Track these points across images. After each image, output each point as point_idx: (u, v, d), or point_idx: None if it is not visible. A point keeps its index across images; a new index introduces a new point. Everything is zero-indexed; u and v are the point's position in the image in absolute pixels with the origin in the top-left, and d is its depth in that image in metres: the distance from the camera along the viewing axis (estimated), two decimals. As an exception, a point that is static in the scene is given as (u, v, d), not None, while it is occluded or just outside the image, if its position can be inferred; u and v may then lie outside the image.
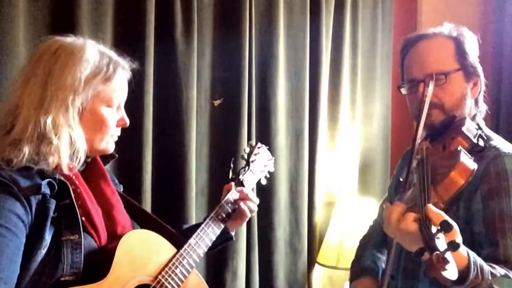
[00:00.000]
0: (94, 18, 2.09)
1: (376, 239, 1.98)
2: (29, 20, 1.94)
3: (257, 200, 1.85)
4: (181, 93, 2.35)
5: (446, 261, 1.14)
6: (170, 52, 2.33)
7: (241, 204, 1.78)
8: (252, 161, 1.94)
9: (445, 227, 1.18)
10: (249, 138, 2.60)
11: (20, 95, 1.40)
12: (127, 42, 2.11)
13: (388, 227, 1.40)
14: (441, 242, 1.17)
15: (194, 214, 2.39)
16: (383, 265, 1.89)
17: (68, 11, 2.01)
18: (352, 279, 1.92)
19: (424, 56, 1.72)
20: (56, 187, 1.37)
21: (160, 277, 1.50)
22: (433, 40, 1.74)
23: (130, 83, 1.59)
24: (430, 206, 1.29)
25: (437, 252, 1.14)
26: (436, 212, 1.27)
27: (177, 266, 1.55)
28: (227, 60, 2.54)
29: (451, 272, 1.17)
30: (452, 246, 1.15)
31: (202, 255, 1.63)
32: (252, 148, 1.98)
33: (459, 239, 1.26)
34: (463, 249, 1.32)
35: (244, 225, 2.54)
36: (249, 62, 2.57)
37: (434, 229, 1.20)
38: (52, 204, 1.34)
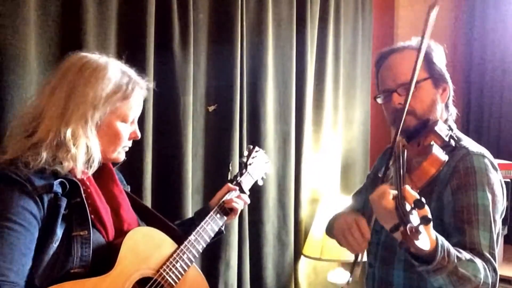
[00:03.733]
0: (99, 32, 2.07)
1: None
2: (39, 35, 1.92)
3: (248, 201, 1.89)
4: (179, 100, 2.35)
5: (418, 232, 1.18)
6: (169, 62, 2.32)
7: (232, 203, 1.80)
8: (250, 164, 1.95)
9: (418, 205, 1.23)
10: (240, 141, 2.60)
11: (45, 104, 1.42)
12: (129, 53, 2.10)
13: (373, 204, 1.44)
14: (414, 218, 1.22)
15: (190, 211, 2.38)
16: None
17: (75, 26, 2.00)
18: (329, 226, 1.91)
19: (395, 68, 1.74)
20: (68, 186, 1.38)
21: (162, 270, 1.52)
22: (403, 53, 1.75)
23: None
24: (407, 186, 1.34)
25: (411, 225, 1.18)
26: (411, 192, 1.32)
27: (177, 261, 1.56)
28: (221, 70, 2.54)
29: (423, 242, 1.22)
30: (425, 220, 1.20)
31: (201, 251, 1.65)
32: (250, 151, 2.00)
33: (430, 216, 1.29)
34: (432, 233, 1.34)
35: (236, 220, 2.54)
36: (240, 71, 2.57)
37: (408, 207, 1.24)
38: (63, 202, 1.36)
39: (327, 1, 3.03)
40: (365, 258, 1.86)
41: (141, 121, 2.17)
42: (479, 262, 1.45)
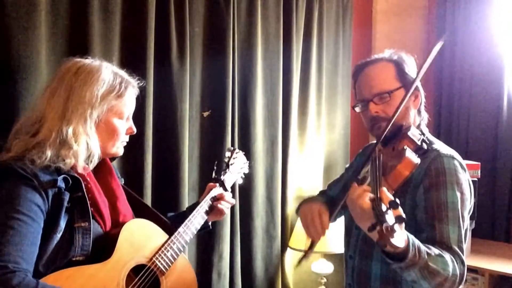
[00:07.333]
0: (104, 45, 2.08)
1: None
2: (50, 48, 1.94)
3: (233, 201, 1.89)
4: (176, 106, 2.35)
5: (394, 231, 1.18)
6: (167, 72, 2.33)
7: (218, 205, 1.81)
8: (231, 164, 1.97)
9: (393, 205, 1.23)
10: (232, 144, 2.60)
11: (46, 107, 1.42)
12: (131, 63, 2.11)
13: (349, 202, 1.42)
14: (390, 217, 1.21)
15: (186, 206, 2.36)
16: None
17: (82, 39, 2.01)
18: (299, 206, 1.88)
19: (370, 79, 1.72)
20: (70, 182, 1.38)
21: (154, 258, 1.53)
22: (377, 64, 1.74)
23: (137, 98, 1.61)
24: (384, 188, 1.32)
25: (386, 224, 1.18)
26: (386, 194, 1.31)
27: (168, 250, 1.57)
28: (214, 79, 2.55)
29: (398, 240, 1.22)
30: (399, 219, 1.20)
31: (189, 241, 1.66)
32: (231, 153, 2.01)
33: (404, 215, 1.28)
34: (404, 232, 1.34)
35: (228, 215, 2.56)
36: (232, 80, 2.58)
37: (384, 207, 1.23)
38: (66, 196, 1.36)
39: (311, 16, 3.05)
40: (341, 250, 1.86)
41: (142, 125, 2.18)
42: (447, 256, 1.45)
